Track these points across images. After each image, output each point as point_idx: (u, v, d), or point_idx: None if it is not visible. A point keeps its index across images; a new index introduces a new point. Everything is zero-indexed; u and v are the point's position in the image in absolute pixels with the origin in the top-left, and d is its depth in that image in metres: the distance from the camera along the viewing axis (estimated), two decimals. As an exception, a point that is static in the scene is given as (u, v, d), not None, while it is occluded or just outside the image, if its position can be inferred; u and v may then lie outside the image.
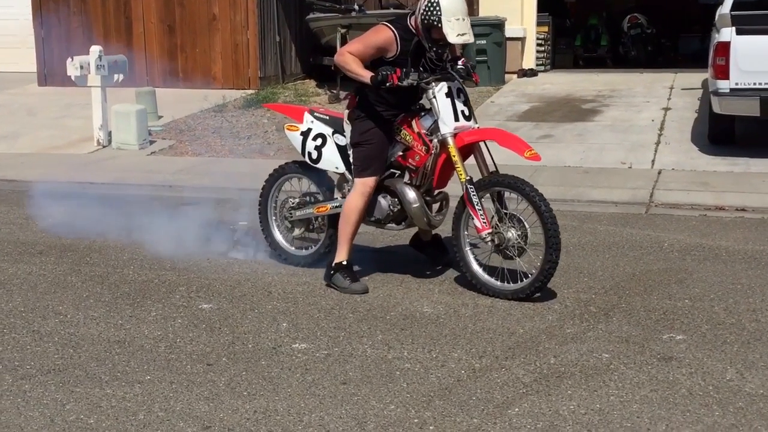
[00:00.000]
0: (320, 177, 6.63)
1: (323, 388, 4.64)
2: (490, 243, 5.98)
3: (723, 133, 11.12)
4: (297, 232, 6.79)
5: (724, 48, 10.34)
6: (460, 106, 6.07)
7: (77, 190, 9.72)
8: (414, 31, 6.02)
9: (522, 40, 16.73)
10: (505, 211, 6.04)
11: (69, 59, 11.98)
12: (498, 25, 15.73)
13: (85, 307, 5.96)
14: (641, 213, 8.74)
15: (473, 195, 5.98)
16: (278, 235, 6.89)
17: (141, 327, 5.58)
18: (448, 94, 6.03)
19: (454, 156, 6.01)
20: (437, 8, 5.80)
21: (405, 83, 5.90)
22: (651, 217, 8.57)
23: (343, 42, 14.62)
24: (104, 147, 12.21)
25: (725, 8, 11.92)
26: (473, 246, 6.21)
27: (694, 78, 15.45)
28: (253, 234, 7.79)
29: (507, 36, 16.11)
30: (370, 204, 6.31)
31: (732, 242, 7.48)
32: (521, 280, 5.99)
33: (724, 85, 10.37)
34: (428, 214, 6.24)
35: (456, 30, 5.83)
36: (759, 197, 9.07)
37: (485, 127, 6.60)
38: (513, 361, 4.95)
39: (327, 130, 6.47)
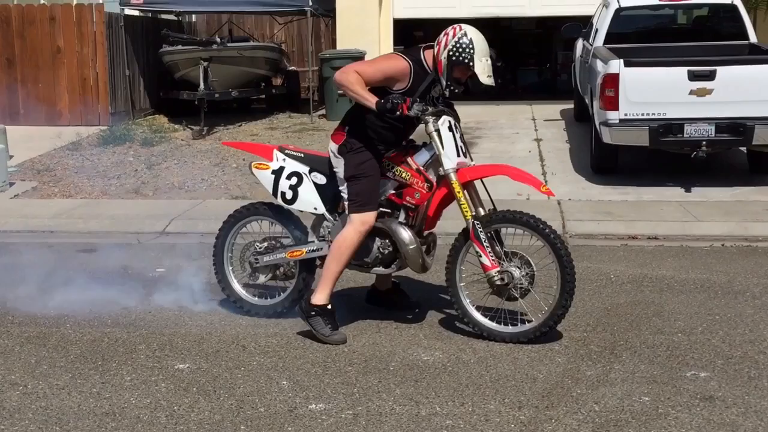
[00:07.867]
0: (290, 219, 6.11)
1: (375, 455, 4.20)
2: (498, 282, 5.67)
3: (608, 163, 11.29)
4: (262, 279, 6.15)
5: (613, 80, 10.49)
6: (458, 142, 5.78)
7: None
8: (428, 66, 5.69)
9: (380, 73, 16.58)
10: (504, 249, 5.77)
11: None
12: (359, 58, 15.50)
13: (43, 375, 5.23)
14: (563, 245, 8.67)
15: (480, 232, 5.67)
16: (237, 285, 6.28)
17: (123, 395, 4.92)
18: (450, 128, 5.73)
19: (458, 192, 5.68)
20: (470, 47, 5.55)
21: (411, 113, 5.56)
22: (576, 249, 8.46)
23: (206, 75, 14.04)
24: (-42, 190, 11.11)
25: (598, 41, 12.22)
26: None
27: (549, 109, 15.75)
28: (178, 281, 7.20)
29: (366, 69, 15.91)
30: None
31: (672, 272, 7.48)
32: (522, 323, 5.72)
33: (613, 116, 10.51)
34: (424, 256, 5.87)
35: (486, 71, 5.62)
36: (666, 225, 9.20)
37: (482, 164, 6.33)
38: (556, 411, 4.65)
39: (303, 168, 5.99)
